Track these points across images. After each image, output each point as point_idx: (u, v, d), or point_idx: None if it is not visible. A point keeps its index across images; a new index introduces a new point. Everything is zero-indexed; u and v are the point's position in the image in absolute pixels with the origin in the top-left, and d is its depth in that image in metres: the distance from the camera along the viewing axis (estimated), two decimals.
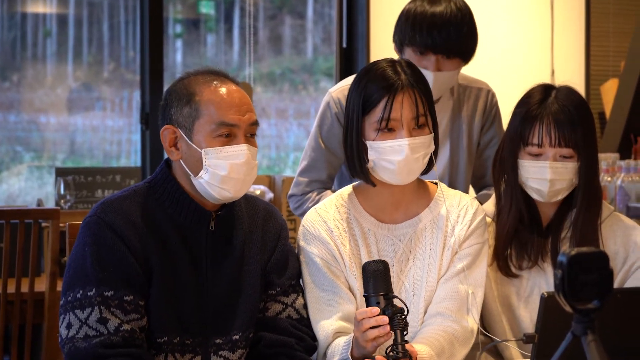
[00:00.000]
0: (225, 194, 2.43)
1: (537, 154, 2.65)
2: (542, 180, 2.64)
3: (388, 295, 2.33)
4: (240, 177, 2.42)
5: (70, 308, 2.36)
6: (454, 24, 3.11)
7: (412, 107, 2.52)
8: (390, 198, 2.64)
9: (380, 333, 2.29)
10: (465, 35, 3.13)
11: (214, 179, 2.41)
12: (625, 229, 2.75)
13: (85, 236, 2.40)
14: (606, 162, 5.08)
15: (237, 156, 2.42)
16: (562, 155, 2.64)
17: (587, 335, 1.62)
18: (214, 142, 2.41)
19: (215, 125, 2.41)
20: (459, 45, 3.13)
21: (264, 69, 6.85)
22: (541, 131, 2.64)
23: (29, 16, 6.36)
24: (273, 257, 2.57)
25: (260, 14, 6.79)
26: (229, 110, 2.42)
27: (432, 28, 3.10)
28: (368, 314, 2.31)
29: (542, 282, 2.71)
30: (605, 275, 1.64)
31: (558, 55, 6.55)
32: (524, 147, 2.67)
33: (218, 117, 2.41)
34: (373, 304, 2.33)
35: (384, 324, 2.29)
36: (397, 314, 2.30)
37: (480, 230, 2.64)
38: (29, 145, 6.34)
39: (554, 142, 2.63)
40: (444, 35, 3.10)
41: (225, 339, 2.47)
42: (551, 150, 2.64)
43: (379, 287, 2.34)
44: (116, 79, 6.48)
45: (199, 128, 2.42)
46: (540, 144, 2.64)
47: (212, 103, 2.42)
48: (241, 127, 2.43)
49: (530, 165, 2.66)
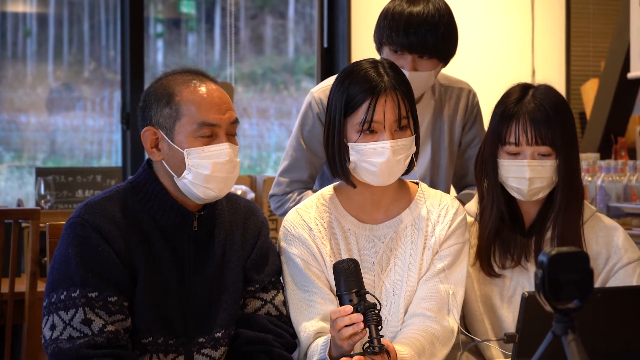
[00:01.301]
0: (209, 193, 2.43)
1: (515, 153, 2.66)
2: (521, 179, 2.65)
3: (360, 292, 2.34)
4: (223, 175, 2.43)
5: (54, 309, 2.36)
6: (430, 24, 3.10)
7: (395, 110, 2.52)
8: (370, 198, 2.64)
9: (355, 330, 2.30)
10: (442, 36, 3.12)
11: (197, 178, 2.41)
12: (607, 230, 2.77)
13: (69, 237, 2.40)
14: (586, 162, 5.10)
15: (219, 155, 2.42)
16: (540, 154, 2.65)
17: (567, 335, 1.63)
18: (196, 142, 2.41)
19: (196, 126, 2.41)
20: (435, 46, 3.12)
21: (245, 68, 6.85)
22: (517, 130, 2.65)
23: (8, 15, 6.34)
24: (253, 254, 2.57)
25: (242, 13, 6.79)
26: (209, 110, 2.42)
27: (408, 27, 3.10)
28: (341, 312, 2.31)
29: (526, 282, 2.71)
30: (585, 275, 1.64)
31: (539, 56, 6.58)
32: (502, 147, 2.68)
33: (199, 117, 2.41)
34: (346, 302, 2.34)
35: (357, 321, 2.29)
36: (370, 309, 2.31)
37: (460, 230, 2.65)
38: (9, 145, 6.31)
39: (531, 140, 2.64)
40: (420, 35, 3.10)
41: (208, 337, 2.47)
42: (529, 149, 2.64)
43: (351, 284, 2.35)
44: (97, 78, 6.46)
45: (180, 129, 2.42)
46: (518, 143, 2.65)
47: (192, 103, 2.42)
48: (222, 126, 2.43)
49: (509, 165, 2.67)
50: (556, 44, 6.65)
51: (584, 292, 1.63)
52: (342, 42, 6.30)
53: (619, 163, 5.09)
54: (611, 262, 2.73)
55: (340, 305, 2.34)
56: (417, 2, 3.14)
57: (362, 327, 2.30)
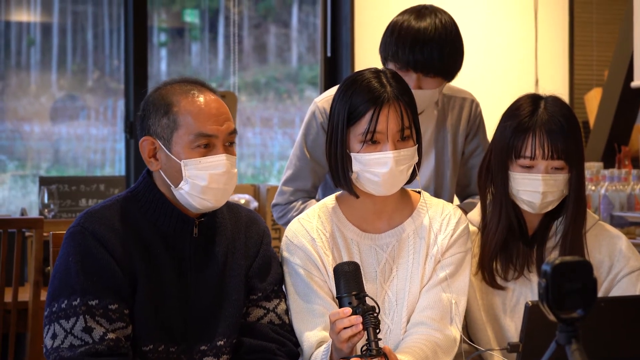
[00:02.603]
0: (206, 204, 2.43)
1: (528, 166, 2.65)
2: (535, 192, 2.64)
3: (359, 294, 2.34)
4: (220, 186, 2.43)
5: (55, 318, 2.35)
6: (437, 42, 3.09)
7: (398, 120, 2.52)
8: (373, 208, 2.64)
9: (353, 332, 2.30)
10: (447, 55, 3.11)
11: (194, 189, 2.41)
12: (610, 238, 2.76)
13: (70, 246, 2.40)
14: (590, 171, 5.09)
15: (216, 166, 2.42)
16: (553, 167, 2.64)
17: (571, 344, 1.62)
18: (193, 152, 2.41)
19: (193, 136, 2.41)
20: (441, 65, 3.10)
21: (249, 77, 6.85)
22: (534, 144, 2.63)
23: (12, 25, 6.35)
24: (255, 262, 2.57)
25: (245, 22, 6.79)
26: (207, 120, 2.42)
27: (414, 45, 3.08)
28: (340, 315, 2.32)
29: (529, 293, 2.71)
30: (589, 284, 1.64)
31: (542, 65, 6.58)
32: (516, 160, 2.66)
33: (196, 128, 2.41)
34: (345, 305, 2.34)
35: (356, 324, 2.29)
36: (369, 312, 2.31)
37: (463, 239, 2.64)
38: (13, 154, 6.32)
39: (547, 154, 2.62)
40: (426, 53, 3.08)
41: (209, 345, 2.47)
42: (543, 163, 2.63)
43: (350, 287, 2.35)
44: (100, 87, 6.47)
45: (177, 139, 2.42)
46: (533, 157, 2.64)
47: (190, 114, 2.42)
48: (220, 137, 2.43)
49: (522, 178, 2.65)
50: (559, 53, 6.66)
51: (587, 302, 1.63)
52: (345, 51, 6.31)
53: (623, 172, 5.09)
54: (614, 271, 2.72)
55: (340, 308, 2.35)
56: (425, 16, 3.13)
57: (360, 329, 2.30)
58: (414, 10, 3.17)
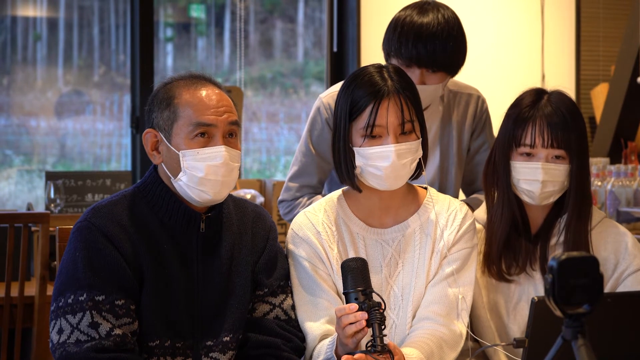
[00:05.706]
0: (204, 195, 2.43)
1: (528, 154, 2.65)
2: (534, 181, 2.64)
3: (366, 290, 2.35)
4: (218, 178, 2.42)
5: (62, 313, 2.36)
6: (439, 37, 3.08)
7: (398, 113, 2.52)
8: (379, 203, 2.64)
9: (357, 328, 2.30)
10: (451, 50, 3.11)
11: (191, 180, 2.41)
12: (616, 235, 2.75)
13: (77, 241, 2.40)
14: (596, 166, 5.09)
15: (214, 157, 2.41)
16: (554, 156, 2.64)
17: (577, 340, 1.62)
18: (192, 143, 2.41)
19: (192, 127, 2.41)
20: (444, 60, 3.10)
21: (255, 72, 6.85)
22: (534, 132, 2.64)
23: (19, 20, 6.35)
24: (262, 258, 2.57)
25: (251, 17, 6.79)
26: (205, 110, 2.42)
27: (417, 41, 3.08)
28: (346, 310, 2.32)
29: (531, 289, 2.70)
30: (595, 280, 1.64)
31: (548, 60, 6.57)
32: (517, 148, 2.66)
33: (195, 117, 2.41)
34: (352, 300, 2.34)
35: (361, 319, 2.30)
36: (374, 308, 2.31)
37: (469, 235, 2.64)
38: (19, 149, 6.32)
39: (547, 143, 2.63)
40: (430, 49, 3.08)
41: (215, 341, 2.47)
42: (543, 151, 2.64)
43: (357, 282, 2.35)
44: (106, 82, 6.47)
45: (177, 130, 2.42)
46: (533, 145, 2.64)
47: (190, 105, 2.42)
48: (219, 127, 2.42)
49: (522, 167, 2.66)
50: (566, 48, 6.64)
51: (593, 297, 1.63)
52: (351, 46, 6.30)
53: (629, 167, 5.08)
54: (620, 269, 2.72)
55: (346, 303, 2.35)
56: (427, 12, 3.12)
57: (364, 325, 2.30)
58: (416, 6, 3.16)
